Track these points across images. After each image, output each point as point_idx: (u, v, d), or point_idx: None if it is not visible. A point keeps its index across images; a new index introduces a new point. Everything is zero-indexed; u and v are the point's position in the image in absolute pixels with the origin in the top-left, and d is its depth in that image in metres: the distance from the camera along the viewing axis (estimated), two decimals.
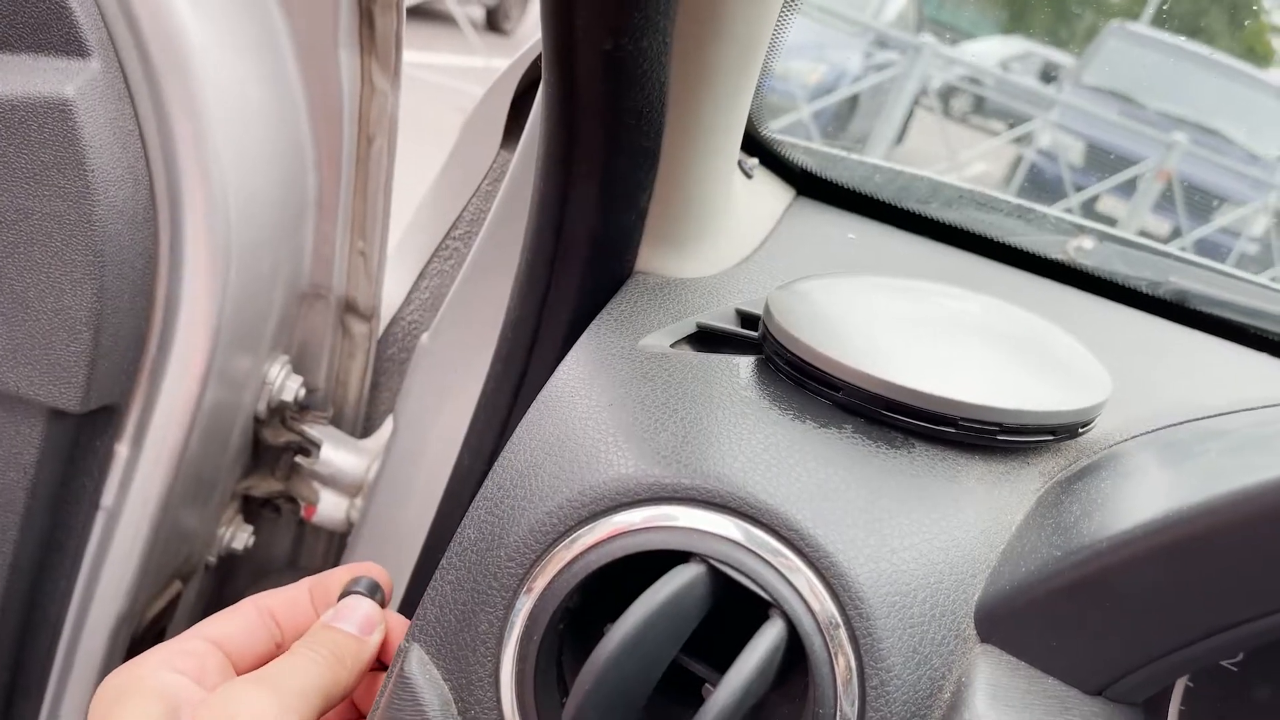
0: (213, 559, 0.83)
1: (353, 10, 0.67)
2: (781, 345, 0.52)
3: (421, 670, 0.47)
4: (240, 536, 0.84)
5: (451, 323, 0.76)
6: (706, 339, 0.58)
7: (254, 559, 0.90)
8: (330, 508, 0.84)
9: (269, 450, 0.84)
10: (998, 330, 0.56)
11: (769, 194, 0.77)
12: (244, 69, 0.66)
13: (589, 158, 0.55)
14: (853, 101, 6.07)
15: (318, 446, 0.82)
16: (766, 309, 0.54)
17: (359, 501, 0.83)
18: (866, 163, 0.89)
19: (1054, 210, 0.87)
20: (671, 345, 0.56)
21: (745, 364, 0.54)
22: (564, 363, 0.54)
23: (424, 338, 0.78)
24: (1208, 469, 0.42)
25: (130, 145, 0.61)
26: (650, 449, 0.47)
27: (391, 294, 0.84)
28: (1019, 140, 6.10)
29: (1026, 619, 0.44)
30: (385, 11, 0.68)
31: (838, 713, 0.42)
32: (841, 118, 6.11)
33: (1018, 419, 0.50)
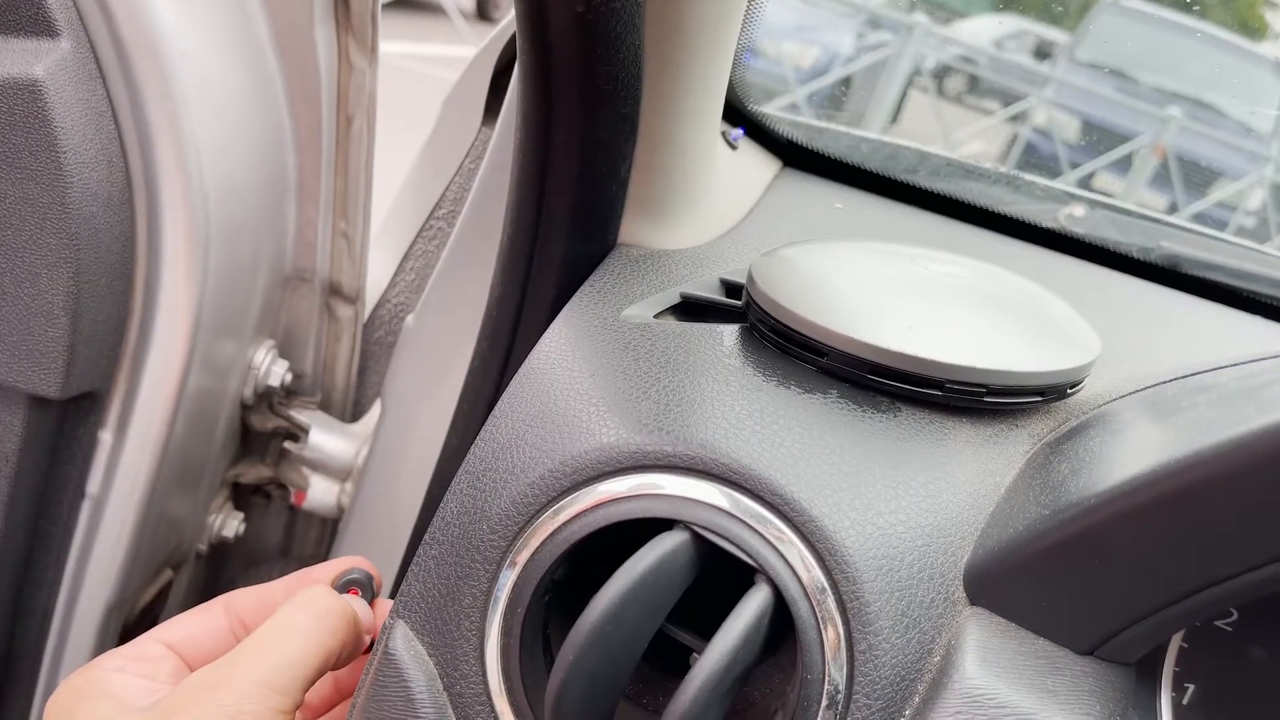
0: (204, 547, 0.82)
1: None
2: (765, 312, 0.52)
3: (406, 646, 0.46)
4: (231, 524, 0.83)
5: (436, 303, 0.75)
6: (690, 309, 0.57)
7: (246, 546, 0.90)
8: (321, 493, 0.83)
9: (257, 436, 0.83)
10: (985, 293, 0.56)
11: (755, 165, 0.76)
12: (218, 49, 0.65)
13: (567, 127, 0.54)
14: (846, 83, 6.04)
15: (306, 431, 0.82)
16: (750, 276, 0.54)
17: (349, 486, 0.83)
18: (853, 134, 0.88)
19: (1042, 179, 0.86)
20: (655, 315, 0.56)
21: (729, 332, 0.54)
22: (546, 335, 0.53)
23: (409, 319, 0.77)
24: (1195, 422, 0.41)
25: (103, 127, 0.60)
26: (633, 417, 0.46)
27: (376, 276, 0.83)
28: (1014, 119, 6.07)
29: (1016, 580, 0.43)
30: None
31: (826, 679, 0.42)
32: (835, 99, 6.08)
33: (1005, 380, 0.49)
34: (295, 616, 0.45)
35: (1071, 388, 0.51)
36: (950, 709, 0.41)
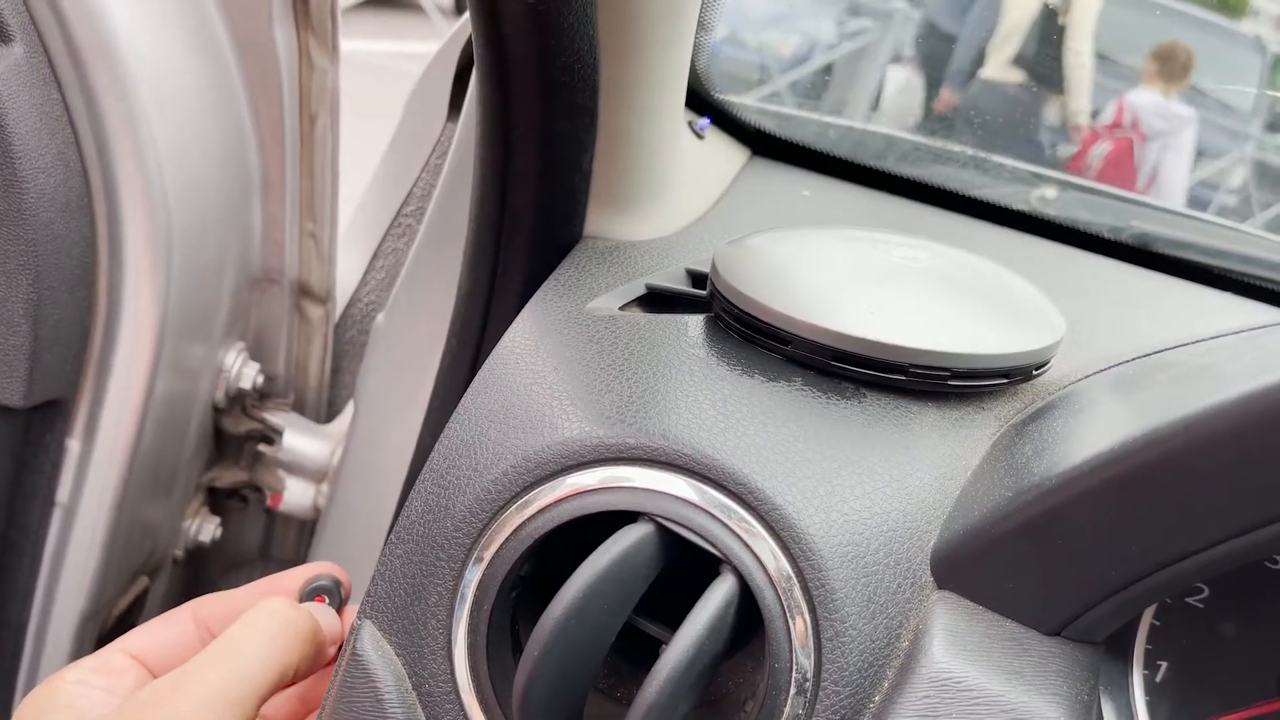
0: (180, 553, 0.82)
1: None
2: (728, 301, 0.51)
3: (374, 647, 0.46)
4: (207, 529, 0.83)
5: (405, 301, 0.75)
6: (656, 300, 0.57)
7: (224, 551, 0.89)
8: (297, 495, 0.83)
9: (231, 439, 0.83)
10: (948, 276, 0.55)
11: (722, 154, 0.76)
12: (175, 50, 0.64)
13: (526, 120, 0.54)
14: (828, 70, 6.02)
15: (280, 434, 0.81)
16: (713, 265, 0.53)
17: (325, 487, 0.83)
18: (821, 120, 0.87)
19: (1011, 160, 0.86)
20: (620, 308, 0.55)
21: (694, 322, 0.54)
22: (510, 331, 0.53)
23: (380, 318, 0.76)
24: (1153, 401, 0.41)
25: (59, 131, 0.59)
26: (596, 410, 0.46)
27: (346, 275, 0.83)
28: None
29: (981, 562, 0.43)
30: None
31: (794, 666, 0.42)
32: (818, 87, 6.06)
33: (969, 363, 0.49)
34: (250, 630, 0.44)
35: (1037, 369, 0.51)
36: (919, 693, 0.41)
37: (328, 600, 0.51)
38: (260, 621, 0.45)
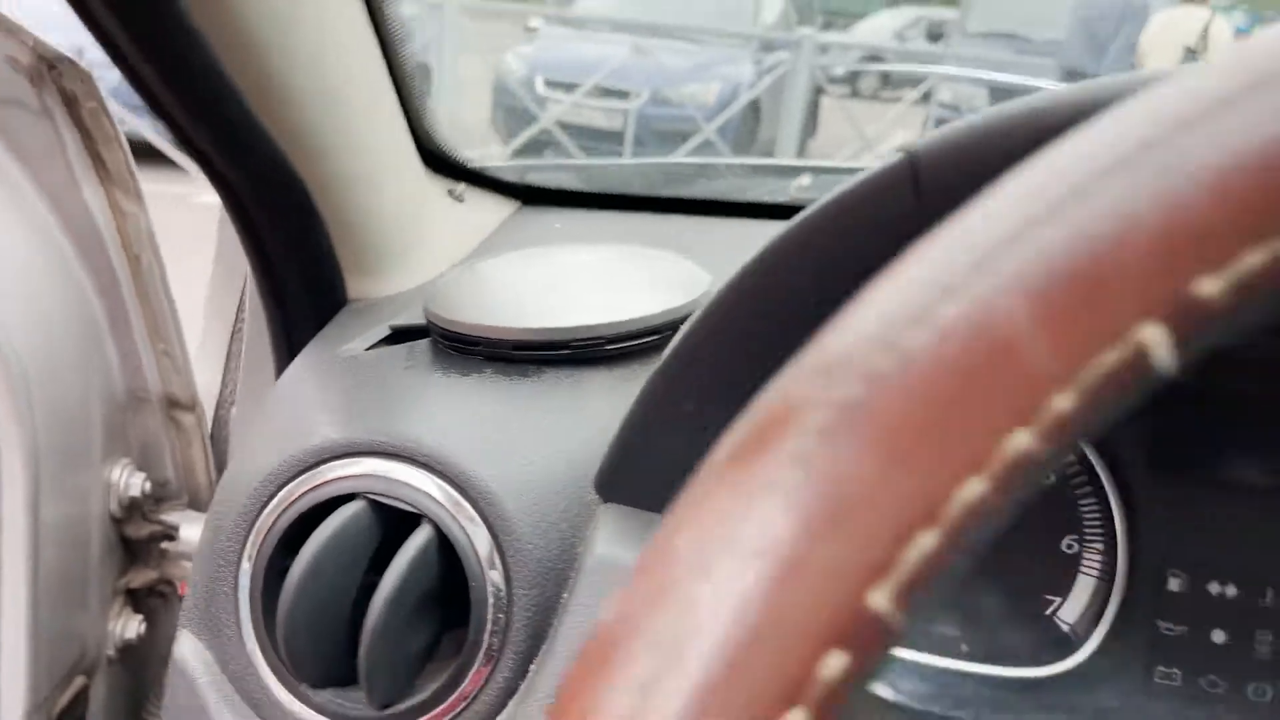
0: (112, 652, 0.93)
1: (80, 154, 0.80)
2: (434, 324, 0.64)
3: (190, 648, 0.58)
4: (130, 626, 0.94)
5: (246, 392, 0.88)
6: (399, 337, 0.70)
7: (156, 643, 1.01)
8: None
9: (138, 543, 0.95)
10: (612, 268, 0.69)
11: (485, 210, 0.90)
12: (3, 225, 0.79)
13: (262, 224, 0.68)
14: (754, 108, 6.21)
15: (177, 529, 0.94)
16: (425, 297, 0.67)
17: None
18: (590, 164, 1.01)
19: (756, 159, 0.99)
20: (367, 349, 0.68)
21: (419, 346, 0.67)
22: (276, 384, 0.66)
23: (234, 411, 0.90)
24: None
25: None
26: (322, 424, 0.59)
27: (208, 381, 0.96)
28: (922, 101, 6.25)
29: (623, 471, 0.55)
30: (109, 147, 0.80)
31: (488, 581, 0.54)
32: (748, 127, 6.24)
33: (619, 329, 0.62)
34: None
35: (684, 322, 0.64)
36: (589, 579, 0.53)
37: None
38: None
